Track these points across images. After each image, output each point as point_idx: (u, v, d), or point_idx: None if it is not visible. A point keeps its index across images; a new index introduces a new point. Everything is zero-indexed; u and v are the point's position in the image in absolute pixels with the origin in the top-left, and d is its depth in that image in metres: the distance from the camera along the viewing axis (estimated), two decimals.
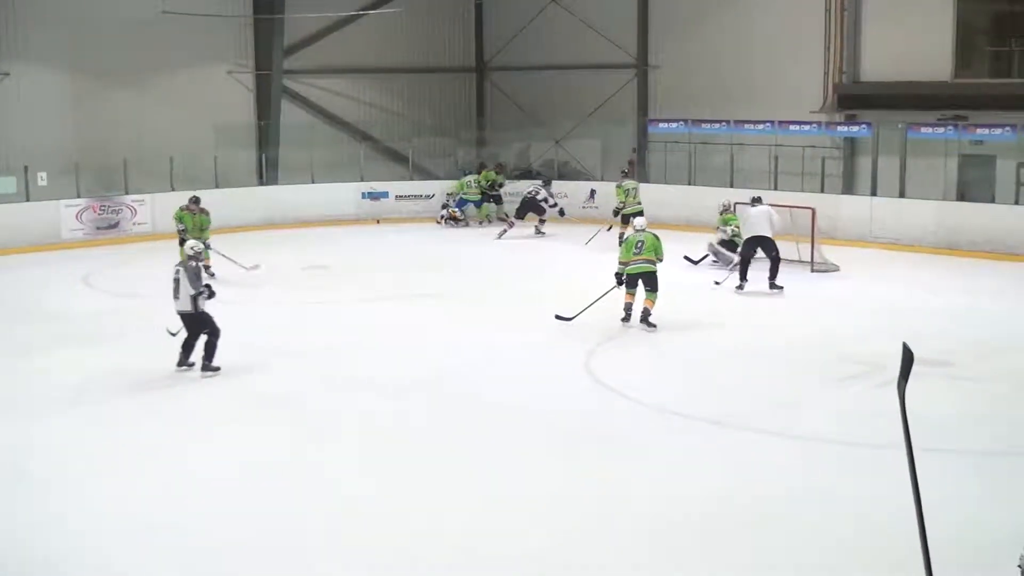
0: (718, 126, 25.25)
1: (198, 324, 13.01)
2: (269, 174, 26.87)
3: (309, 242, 23.37)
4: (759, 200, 18.32)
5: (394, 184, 27.26)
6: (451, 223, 25.88)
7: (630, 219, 20.86)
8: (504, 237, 23.78)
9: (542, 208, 24.35)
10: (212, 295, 13.03)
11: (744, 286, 17.48)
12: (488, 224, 25.94)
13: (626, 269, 15.14)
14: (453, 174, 28.01)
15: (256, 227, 24.58)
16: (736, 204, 20.21)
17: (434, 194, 27.08)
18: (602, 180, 26.47)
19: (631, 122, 28.01)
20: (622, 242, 20.58)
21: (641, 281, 15.10)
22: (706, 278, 18.65)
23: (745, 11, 26.11)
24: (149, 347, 14.59)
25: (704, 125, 25.45)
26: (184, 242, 18.72)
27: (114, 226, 23.39)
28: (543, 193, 24.53)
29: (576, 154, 28.73)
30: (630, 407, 11.87)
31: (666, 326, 15.17)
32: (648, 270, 15.07)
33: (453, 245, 23.50)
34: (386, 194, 26.91)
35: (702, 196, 23.72)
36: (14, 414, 11.74)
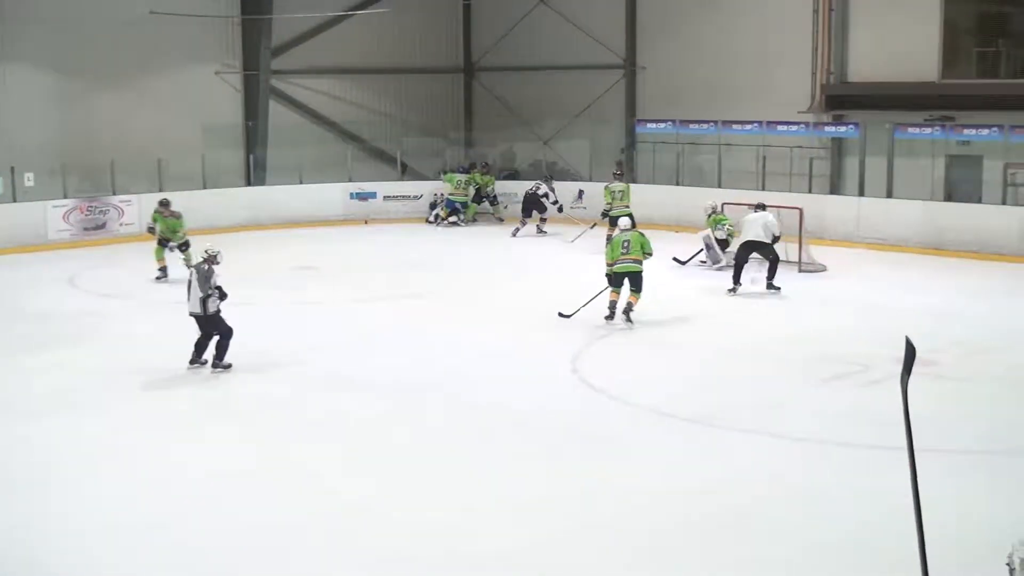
0: (706, 126, 25.27)
1: (208, 325, 13.03)
2: (257, 174, 26.82)
3: (297, 243, 23.34)
4: (761, 207, 18.20)
5: (382, 184, 27.24)
6: (444, 223, 25.92)
7: (617, 221, 21.02)
8: (519, 235, 23.99)
9: (544, 206, 24.38)
10: (223, 297, 13.00)
11: (737, 290, 17.47)
12: (474, 223, 26.04)
13: (613, 268, 15.37)
14: (442, 173, 28.02)
15: (244, 227, 24.53)
16: (723, 204, 20.25)
17: (422, 194, 27.08)
18: (590, 180, 26.46)
19: (619, 123, 28.05)
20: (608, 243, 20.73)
21: (627, 279, 15.30)
22: (693, 279, 18.71)
23: (733, 12, 26.13)
24: (136, 348, 14.65)
25: (692, 125, 25.48)
26: (162, 242, 18.82)
27: (101, 227, 23.33)
28: (544, 188, 24.62)
29: (564, 155, 28.75)
30: (617, 407, 11.89)
31: (653, 326, 15.29)
32: (634, 269, 15.30)
33: (441, 245, 23.49)
34: (374, 194, 26.90)
35: (690, 196, 23.73)
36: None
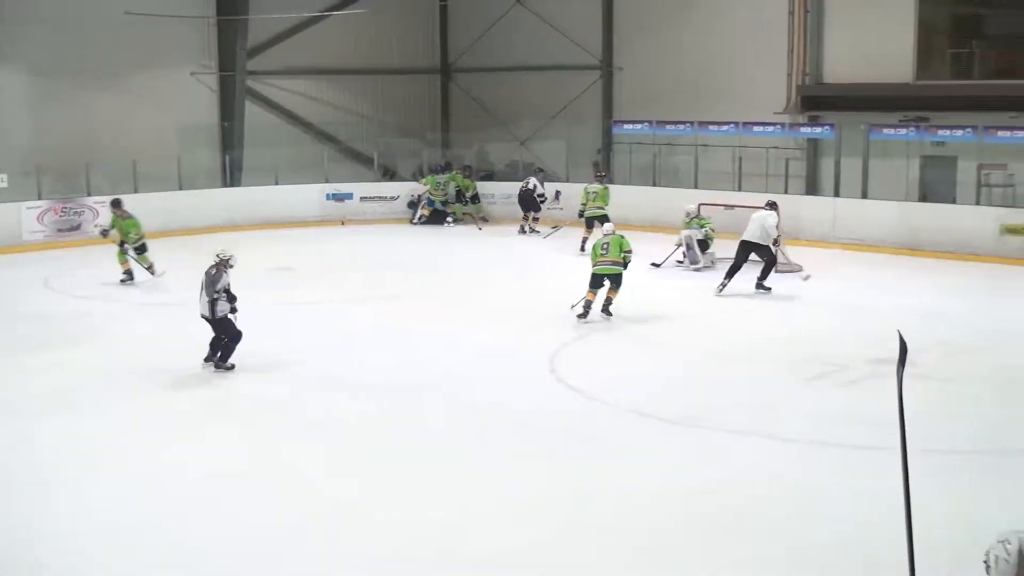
0: (682, 127, 25.31)
1: (218, 328, 13.00)
2: (233, 175, 26.72)
3: (274, 244, 23.23)
4: (770, 205, 18.12)
5: (359, 185, 27.19)
6: (421, 220, 25.94)
7: (593, 222, 21.11)
8: (527, 232, 24.20)
9: (538, 205, 24.40)
10: (232, 300, 12.98)
11: (724, 287, 17.48)
12: (459, 223, 26.13)
13: (593, 270, 15.68)
14: (418, 175, 28.02)
15: (220, 228, 24.39)
16: (700, 206, 20.32)
17: (399, 195, 27.05)
18: (567, 181, 26.48)
19: (596, 124, 28.09)
20: (583, 246, 20.79)
21: (607, 280, 15.65)
22: (673, 279, 18.80)
23: (709, 13, 26.21)
24: (112, 349, 14.59)
25: (668, 126, 25.52)
26: (122, 245, 18.65)
27: (76, 228, 23.18)
28: (533, 181, 24.75)
29: (541, 155, 28.75)
30: (604, 408, 11.88)
31: (640, 327, 15.51)
32: (612, 272, 15.68)
33: (420, 246, 23.45)
34: (351, 195, 26.84)
35: (667, 197, 23.80)
36: None
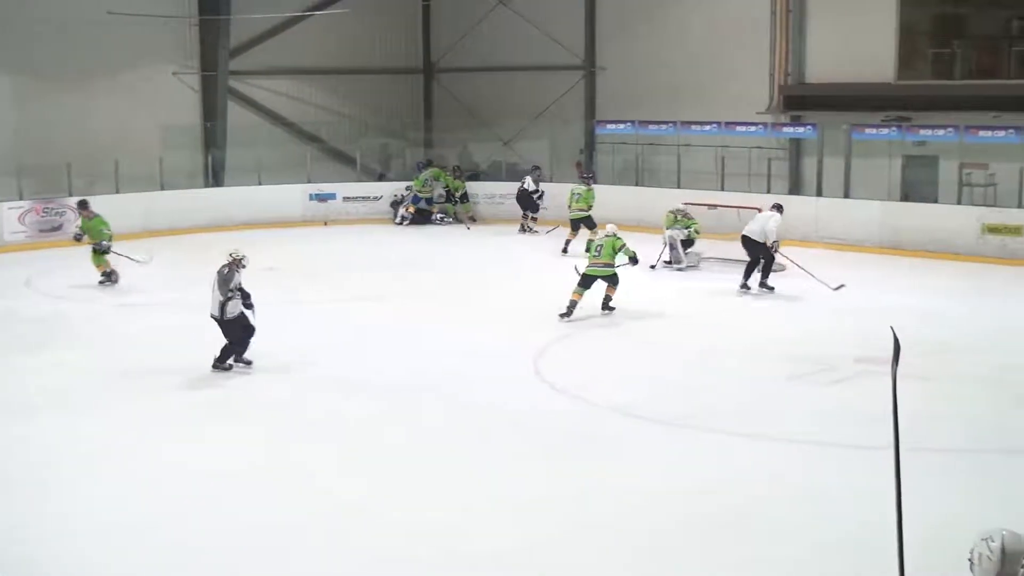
0: (665, 127, 25.33)
1: (225, 329, 12.90)
2: (216, 176, 26.64)
3: (257, 244, 23.03)
4: (775, 207, 18.10)
5: (342, 186, 27.12)
6: (407, 221, 25.94)
7: (579, 224, 21.16)
8: (550, 234, 23.93)
9: (534, 204, 24.38)
10: (246, 297, 12.91)
11: (746, 288, 17.59)
12: (447, 223, 26.18)
13: (584, 270, 15.85)
14: (401, 175, 28.00)
15: (203, 229, 24.32)
16: (687, 205, 20.35)
17: (382, 195, 27.02)
18: (551, 181, 26.47)
19: (579, 124, 28.11)
20: (565, 248, 20.81)
21: (601, 280, 15.89)
22: (659, 280, 18.86)
23: (691, 13, 26.26)
24: (95, 349, 14.56)
25: (651, 126, 25.53)
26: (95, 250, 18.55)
27: (57, 228, 23.03)
28: (528, 180, 24.77)
29: (524, 155, 28.75)
30: (601, 409, 11.88)
31: (635, 327, 15.58)
32: (602, 273, 15.87)
33: (405, 246, 23.44)
34: (334, 195, 26.78)
35: (650, 197, 23.83)
36: None
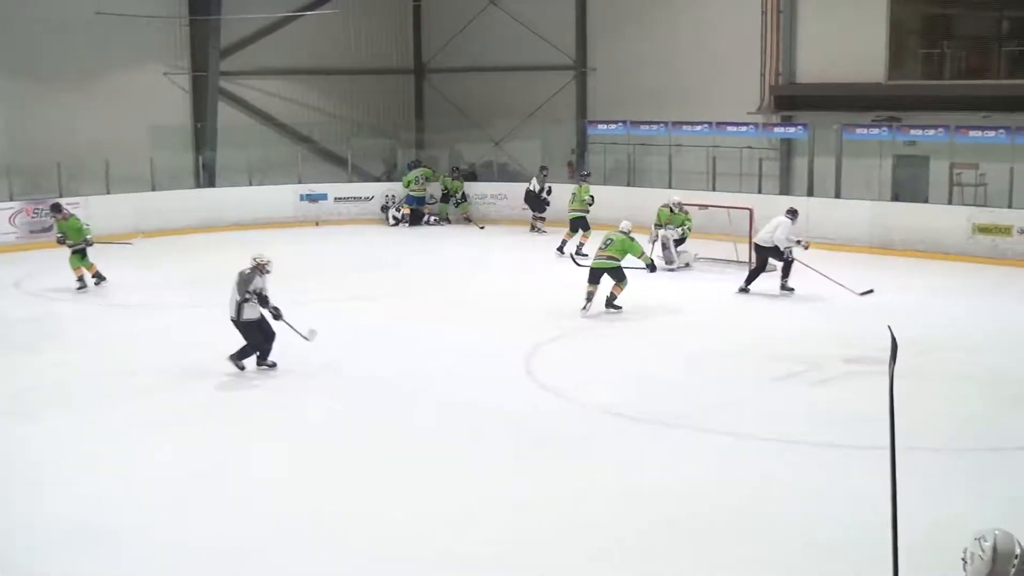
0: (656, 127, 25.37)
1: (240, 330, 12.83)
2: (206, 176, 26.62)
3: (248, 245, 22.99)
4: (789, 212, 17.83)
5: (332, 186, 27.11)
6: (404, 223, 25.96)
7: (577, 225, 21.16)
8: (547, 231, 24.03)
9: (540, 204, 24.39)
10: (264, 302, 12.81)
11: (747, 289, 17.55)
12: (446, 224, 26.27)
13: (591, 263, 16.04)
14: (392, 175, 27.97)
15: (194, 230, 24.33)
16: (680, 203, 20.37)
17: (373, 196, 27.01)
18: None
19: (570, 124, 28.12)
20: (560, 247, 20.82)
21: (607, 274, 15.94)
22: (653, 280, 18.82)
23: (682, 13, 26.28)
24: (86, 350, 14.53)
25: (642, 126, 25.57)
26: (74, 249, 18.27)
27: (48, 229, 22.86)
28: (533, 180, 24.76)
29: (515, 156, 28.78)
30: (592, 409, 11.86)
31: (620, 327, 15.58)
32: (607, 266, 15.93)
33: (396, 247, 23.45)
34: (325, 196, 26.77)
35: (641, 197, 23.83)
36: None
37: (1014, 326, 15.67)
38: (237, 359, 12.97)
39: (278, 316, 13.00)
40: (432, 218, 26.37)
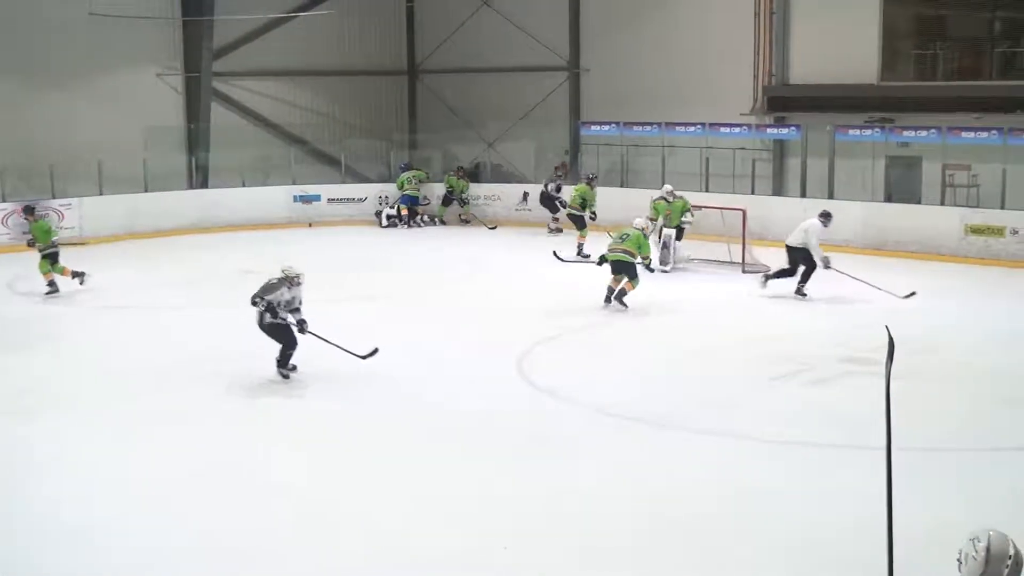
0: (649, 128, 25.39)
1: (269, 334, 12.59)
2: (199, 177, 26.58)
3: (242, 246, 23.12)
4: (822, 215, 17.83)
5: (326, 187, 27.08)
6: (404, 224, 25.96)
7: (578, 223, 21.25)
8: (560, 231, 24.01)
9: (556, 206, 24.40)
10: (270, 311, 12.43)
11: (765, 285, 17.48)
12: (444, 224, 26.28)
13: (609, 256, 16.38)
14: (385, 176, 27.97)
15: (187, 231, 24.30)
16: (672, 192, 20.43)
17: (366, 197, 26.98)
18: (534, 182, 26.53)
19: (563, 125, 28.14)
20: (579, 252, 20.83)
21: (622, 269, 16.25)
22: (648, 281, 18.85)
23: (675, 14, 26.30)
24: (81, 352, 14.50)
25: (636, 127, 25.60)
26: (43, 253, 17.90)
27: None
28: (545, 180, 24.78)
29: (509, 157, 28.78)
30: (570, 408, 11.90)
31: (614, 327, 15.64)
32: (620, 259, 16.24)
33: (390, 247, 23.45)
34: (318, 197, 26.73)
35: (635, 198, 23.82)
36: None
37: (1008, 326, 15.69)
38: (283, 367, 12.64)
39: (303, 330, 12.66)
40: (424, 218, 26.32)
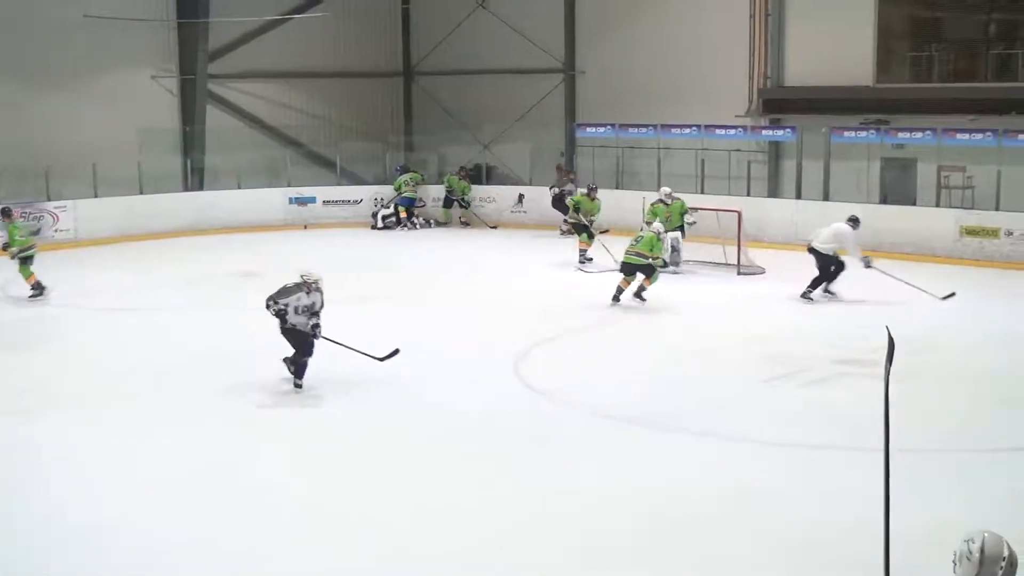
0: (645, 130, 25.40)
1: (288, 339, 12.44)
2: (195, 180, 26.56)
3: (238, 248, 23.10)
4: (850, 220, 17.68)
5: (321, 189, 27.06)
6: (406, 226, 25.92)
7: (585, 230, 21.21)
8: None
9: (564, 207, 24.34)
10: (278, 314, 12.25)
11: (810, 295, 17.24)
12: (444, 226, 26.23)
13: (624, 258, 16.75)
14: (381, 179, 27.96)
15: (182, 233, 24.28)
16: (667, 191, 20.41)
17: (362, 199, 26.96)
18: (530, 184, 26.55)
19: (559, 127, 28.14)
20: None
21: (639, 270, 16.64)
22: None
23: (670, 16, 26.31)
24: (79, 353, 14.51)
25: (631, 129, 25.61)
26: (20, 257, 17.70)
27: (35, 233, 22.78)
28: (556, 190, 24.71)
29: (504, 159, 28.79)
30: (570, 409, 11.91)
31: (612, 327, 15.73)
32: (636, 262, 16.60)
33: (385, 249, 23.45)
34: (313, 199, 26.71)
35: (630, 200, 23.83)
36: None
37: (1004, 327, 15.73)
38: (296, 376, 12.44)
39: (316, 334, 12.44)
40: (420, 220, 26.28)
